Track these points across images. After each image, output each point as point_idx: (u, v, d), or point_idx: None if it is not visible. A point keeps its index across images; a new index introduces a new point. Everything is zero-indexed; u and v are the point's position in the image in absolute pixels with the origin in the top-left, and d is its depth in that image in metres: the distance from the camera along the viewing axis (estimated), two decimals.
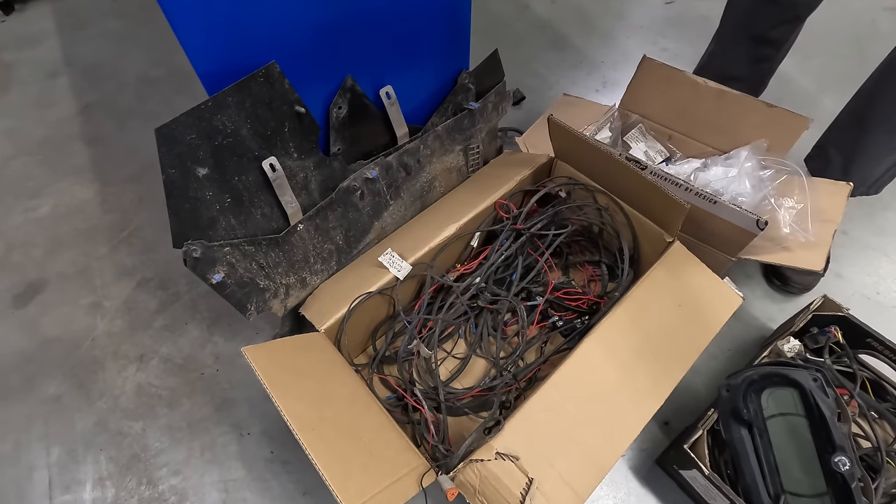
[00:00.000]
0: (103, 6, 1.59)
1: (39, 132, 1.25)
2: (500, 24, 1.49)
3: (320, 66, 0.75)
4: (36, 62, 1.41)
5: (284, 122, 0.73)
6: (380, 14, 0.75)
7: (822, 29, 1.38)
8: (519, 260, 0.87)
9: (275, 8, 0.65)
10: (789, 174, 0.85)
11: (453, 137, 0.95)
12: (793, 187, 0.84)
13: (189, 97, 1.31)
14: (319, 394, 0.65)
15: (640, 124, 1.06)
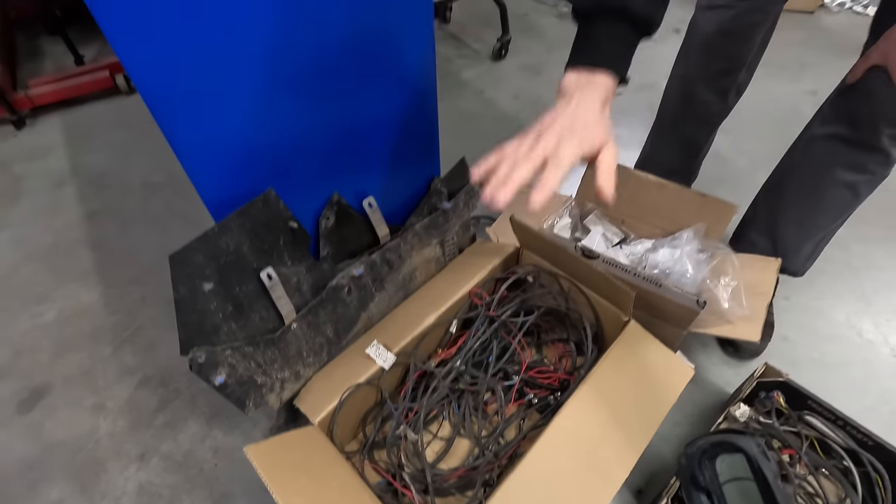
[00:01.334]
0: (109, 117, 1.75)
1: (47, 239, 1.35)
2: (470, 120, 1.67)
3: (311, 186, 0.87)
4: (45, 173, 1.54)
5: (280, 236, 0.84)
6: (363, 140, 0.89)
7: (753, 112, 1.58)
8: (494, 343, 0.96)
9: (276, 148, 0.77)
10: (724, 254, 0.97)
11: (430, 233, 1.07)
12: (728, 266, 0.96)
13: (187, 200, 1.43)
14: (315, 487, 0.71)
15: (596, 211, 1.20)
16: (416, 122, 0.96)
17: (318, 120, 0.79)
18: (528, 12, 2.22)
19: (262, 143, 0.76)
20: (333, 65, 0.74)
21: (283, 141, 0.79)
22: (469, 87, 1.83)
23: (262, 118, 0.73)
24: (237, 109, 0.69)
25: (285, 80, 0.71)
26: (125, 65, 0.57)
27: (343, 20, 0.70)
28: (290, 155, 0.81)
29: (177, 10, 0.56)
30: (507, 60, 1.94)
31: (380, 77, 0.81)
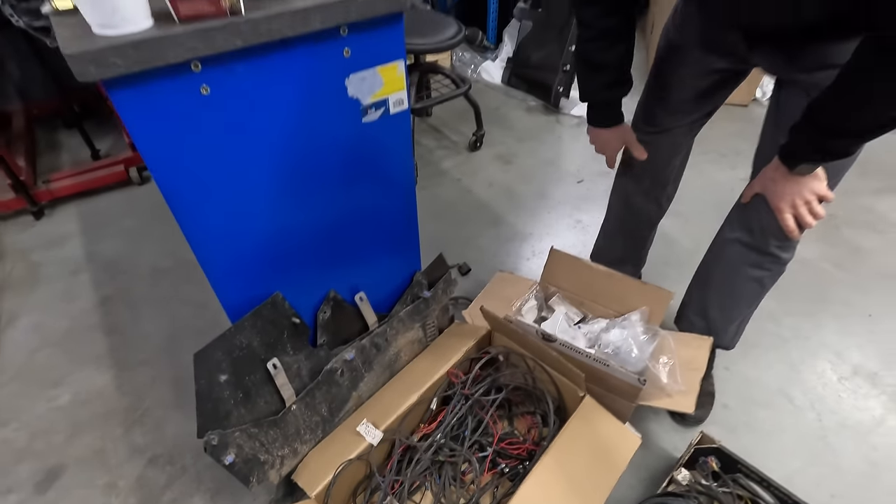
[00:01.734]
0: (121, 206, 1.92)
1: (63, 324, 1.47)
2: (449, 207, 1.88)
3: (311, 285, 1.03)
4: (61, 261, 1.68)
5: (284, 331, 0.99)
6: (356, 247, 1.06)
7: (696, 197, 1.81)
8: (469, 418, 1.09)
9: (282, 257, 0.94)
10: (662, 337, 1.14)
11: (413, 318, 1.23)
12: (666, 347, 1.12)
13: (192, 284, 1.57)
14: None
15: (558, 293, 1.37)
16: (399, 233, 1.14)
17: (318, 234, 0.97)
18: (500, 106, 2.52)
19: (270, 255, 0.93)
20: (332, 195, 0.92)
21: (289, 251, 0.95)
22: (448, 175, 2.06)
23: (272, 236, 0.90)
24: (254, 232, 0.86)
25: (293, 209, 0.89)
26: (172, 207, 0.74)
27: (340, 159, 0.89)
28: (294, 261, 0.98)
29: (218, 161, 0.74)
30: (481, 151, 2.19)
31: (372, 204, 1.00)
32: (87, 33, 0.59)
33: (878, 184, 1.94)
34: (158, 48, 0.59)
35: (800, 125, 0.79)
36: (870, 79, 0.68)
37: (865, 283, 1.55)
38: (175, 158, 0.70)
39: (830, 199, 0.88)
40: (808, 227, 0.88)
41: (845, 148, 0.78)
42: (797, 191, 0.86)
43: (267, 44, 0.67)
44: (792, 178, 0.86)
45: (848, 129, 0.74)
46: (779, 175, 0.87)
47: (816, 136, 0.78)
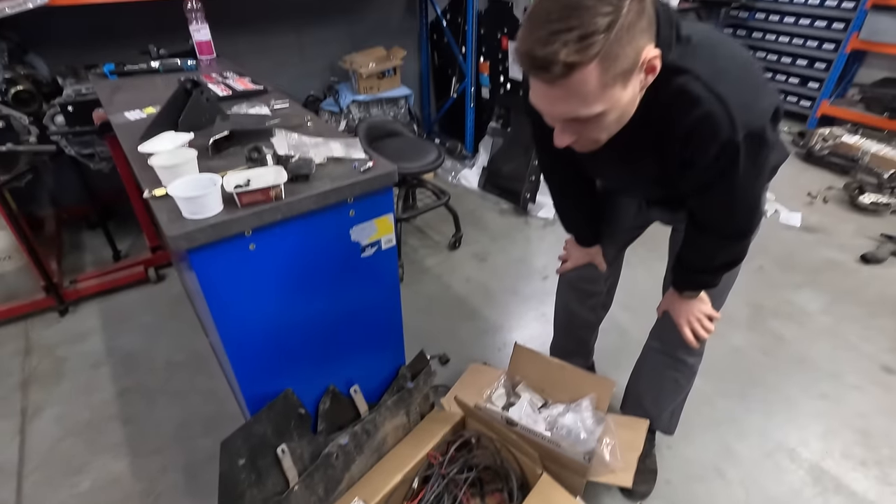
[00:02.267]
0: (139, 303, 2.15)
1: (85, 415, 1.64)
2: (431, 302, 2.14)
3: (315, 382, 1.26)
4: (84, 355, 1.87)
5: (291, 420, 1.20)
6: (352, 351, 1.30)
7: (645, 292, 2.10)
8: (445, 496, 1.27)
9: (294, 361, 1.18)
10: (605, 422, 1.37)
11: (398, 406, 1.44)
12: (609, 430, 1.35)
13: (203, 376, 1.77)
14: None
15: (523, 381, 1.60)
16: (386, 334, 1.38)
17: (323, 338, 1.21)
18: (476, 208, 2.88)
19: (285, 357, 1.16)
20: (335, 308, 1.18)
21: (299, 353, 1.19)
22: (430, 272, 2.34)
23: (288, 340, 1.14)
24: (275, 339, 1.11)
25: (305, 320, 1.14)
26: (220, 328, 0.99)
27: (343, 282, 1.16)
28: (302, 361, 1.21)
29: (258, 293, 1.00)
30: (460, 250, 2.50)
31: (366, 317, 1.26)
32: (179, 217, 0.87)
33: (798, 279, 2.27)
34: (226, 226, 0.88)
35: (675, 266, 1.10)
36: (699, 242, 1.00)
37: (786, 368, 1.81)
38: (228, 294, 0.96)
39: (717, 318, 1.15)
40: (703, 338, 1.15)
41: (708, 281, 1.08)
42: (690, 310, 1.14)
43: (298, 214, 0.96)
44: (684, 300, 1.14)
45: (702, 269, 1.05)
46: (674, 298, 1.16)
47: (685, 274, 1.08)
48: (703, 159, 0.83)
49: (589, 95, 0.69)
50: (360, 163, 1.06)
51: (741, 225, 0.96)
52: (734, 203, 0.92)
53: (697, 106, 0.77)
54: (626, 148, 0.86)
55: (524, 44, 0.68)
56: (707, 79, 0.77)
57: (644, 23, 0.68)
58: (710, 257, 1.04)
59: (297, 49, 2.92)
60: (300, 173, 0.97)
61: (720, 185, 0.88)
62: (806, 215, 2.76)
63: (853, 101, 3.56)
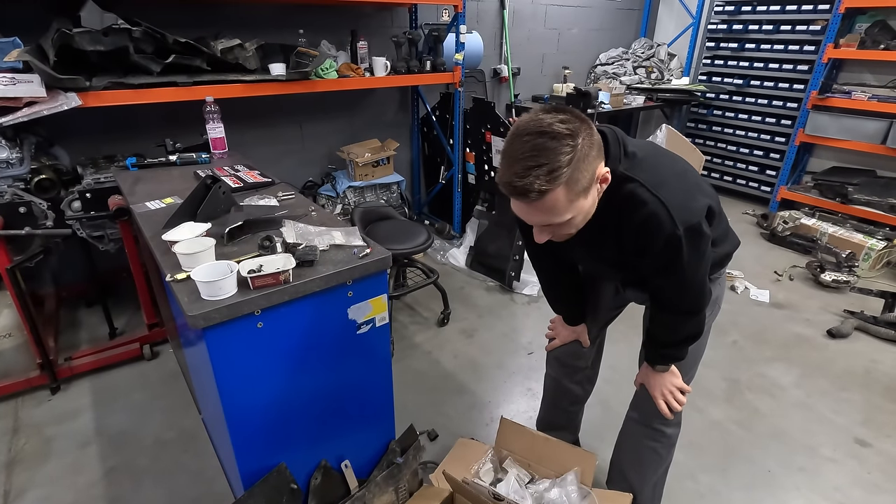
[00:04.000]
0: (132, 380, 2.17)
1: (69, 498, 1.62)
2: (420, 378, 2.20)
3: (307, 456, 1.30)
4: (72, 434, 1.87)
5: (283, 496, 1.23)
6: (343, 427, 1.36)
7: (626, 366, 2.19)
8: None
9: (289, 435, 1.23)
10: (590, 496, 1.40)
11: (388, 482, 1.46)
12: (593, 503, 1.38)
13: (192, 455, 1.78)
14: None
15: (510, 456, 1.64)
16: (378, 410, 1.45)
17: (317, 412, 1.28)
18: (464, 286, 3.01)
19: (280, 432, 1.22)
20: (330, 382, 1.26)
21: (294, 427, 1.25)
22: (419, 348, 2.42)
23: (284, 416, 1.20)
24: (273, 414, 1.17)
25: (302, 394, 1.21)
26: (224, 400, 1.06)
27: (339, 358, 1.25)
28: (297, 435, 1.27)
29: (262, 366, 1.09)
30: (448, 327, 2.60)
31: (359, 392, 1.34)
32: (198, 298, 0.99)
33: (770, 353, 2.38)
34: (239, 307, 0.99)
35: (645, 342, 1.22)
36: (661, 318, 1.13)
37: (764, 441, 1.87)
38: (235, 368, 1.05)
39: (688, 391, 1.26)
40: (675, 409, 1.25)
41: (675, 354, 1.20)
42: (663, 383, 1.26)
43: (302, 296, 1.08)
44: (657, 374, 1.26)
45: (668, 343, 1.17)
46: (648, 372, 1.28)
47: (655, 348, 1.21)
48: (652, 249, 1.00)
49: (559, 209, 0.89)
50: (359, 249, 1.20)
51: (691, 303, 1.11)
52: (683, 284, 1.07)
53: (643, 206, 0.96)
54: (592, 237, 1.05)
55: (504, 177, 0.88)
56: (650, 185, 0.96)
57: (595, 150, 0.90)
58: (673, 331, 1.18)
59: (298, 140, 3.20)
60: (306, 259, 1.11)
61: (669, 270, 1.04)
62: (774, 292, 2.93)
63: (808, 187, 3.90)
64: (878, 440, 1.87)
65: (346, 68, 2.69)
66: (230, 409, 1.09)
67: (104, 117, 2.36)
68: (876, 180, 3.62)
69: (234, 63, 2.33)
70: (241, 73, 2.34)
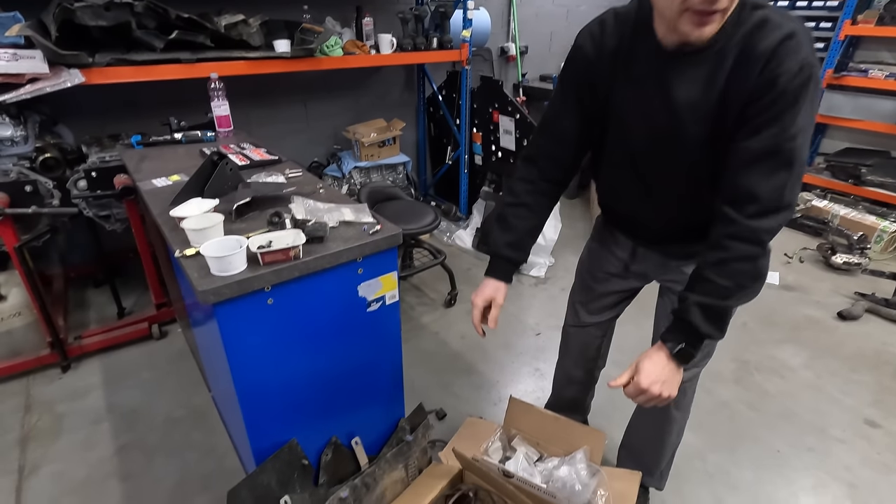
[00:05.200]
0: (141, 359, 2.18)
1: (82, 473, 1.64)
2: (428, 358, 2.20)
3: (318, 433, 1.31)
4: (84, 412, 1.89)
5: (295, 471, 1.24)
6: (354, 402, 1.36)
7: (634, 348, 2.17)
8: None
9: (299, 412, 1.23)
10: (599, 474, 1.41)
11: (397, 460, 1.47)
12: (602, 481, 1.38)
13: (203, 432, 1.79)
14: None
15: (518, 435, 1.64)
16: (388, 388, 1.45)
17: (328, 389, 1.28)
18: (471, 267, 3.00)
19: (291, 407, 1.22)
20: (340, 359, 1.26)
21: (304, 404, 1.25)
22: (427, 329, 2.42)
23: (295, 392, 1.20)
24: (284, 390, 1.17)
25: (312, 371, 1.21)
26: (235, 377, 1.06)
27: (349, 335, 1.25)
28: (307, 412, 1.27)
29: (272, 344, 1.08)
30: (455, 307, 2.59)
31: (369, 369, 1.33)
32: (207, 274, 0.97)
33: (779, 335, 2.37)
34: (249, 283, 0.98)
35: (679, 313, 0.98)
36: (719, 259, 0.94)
37: (773, 421, 1.86)
38: (245, 345, 1.04)
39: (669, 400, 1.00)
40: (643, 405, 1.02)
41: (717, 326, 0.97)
42: (665, 378, 0.97)
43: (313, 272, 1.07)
44: (667, 364, 0.98)
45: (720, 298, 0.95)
46: (660, 358, 0.98)
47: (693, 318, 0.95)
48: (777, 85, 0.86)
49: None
50: (369, 226, 1.18)
51: (784, 190, 0.89)
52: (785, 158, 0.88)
53: (779, 29, 0.86)
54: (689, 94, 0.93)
55: None
56: (783, 13, 0.89)
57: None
58: (733, 275, 0.94)
59: (303, 119, 3.16)
60: (316, 235, 1.09)
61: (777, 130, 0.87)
62: (784, 274, 2.90)
63: (820, 168, 3.83)
64: (887, 421, 1.87)
65: (352, 45, 2.64)
66: (241, 384, 1.08)
67: (107, 95, 2.33)
68: (890, 161, 3.55)
69: (238, 39, 2.29)
70: (246, 50, 2.30)
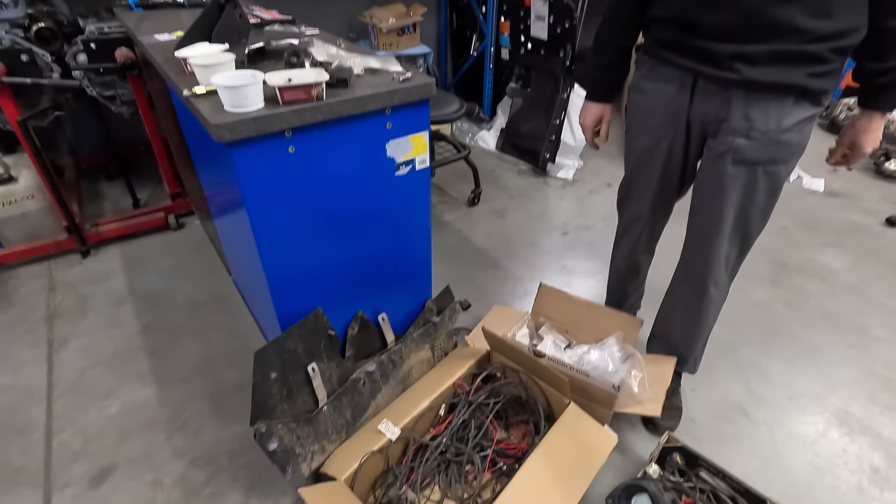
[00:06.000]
0: (159, 249, 2.15)
1: (110, 347, 1.65)
2: (451, 253, 2.13)
3: (344, 306, 1.26)
4: (107, 293, 1.88)
5: (321, 341, 1.20)
6: (381, 275, 1.29)
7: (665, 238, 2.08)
8: (472, 422, 1.28)
9: (325, 281, 1.17)
10: (634, 355, 1.36)
11: (424, 340, 1.44)
12: (637, 363, 1.34)
13: (226, 315, 1.78)
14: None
15: (546, 322, 1.60)
16: (416, 265, 1.38)
17: (354, 260, 1.21)
18: (494, 169, 2.85)
19: (318, 276, 1.16)
20: (368, 229, 1.18)
21: (330, 274, 1.19)
22: (450, 227, 2.33)
23: (321, 260, 1.13)
24: (309, 255, 1.10)
25: (338, 238, 1.13)
26: (256, 231, 0.98)
27: (376, 202, 1.15)
28: (333, 283, 1.21)
29: (293, 199, 1.00)
30: (479, 206, 2.48)
31: (396, 241, 1.25)
32: (221, 110, 0.86)
33: (822, 239, 2.24)
34: (268, 121, 0.87)
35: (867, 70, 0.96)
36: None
37: (811, 320, 1.79)
38: (265, 196, 0.95)
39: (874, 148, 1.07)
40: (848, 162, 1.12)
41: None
42: (876, 136, 1.04)
43: (336, 119, 0.95)
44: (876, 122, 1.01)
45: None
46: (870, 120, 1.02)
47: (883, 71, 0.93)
48: None
49: None
50: (398, 74, 1.04)
51: None
52: None
53: None
54: None
55: None
56: None
57: None
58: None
59: (314, 5, 2.88)
60: (341, 77, 0.96)
61: None
62: (829, 181, 2.72)
63: None
64: None
65: None
66: (263, 239, 1.01)
67: None
68: None
69: None
70: None
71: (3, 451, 1.34)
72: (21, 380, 1.54)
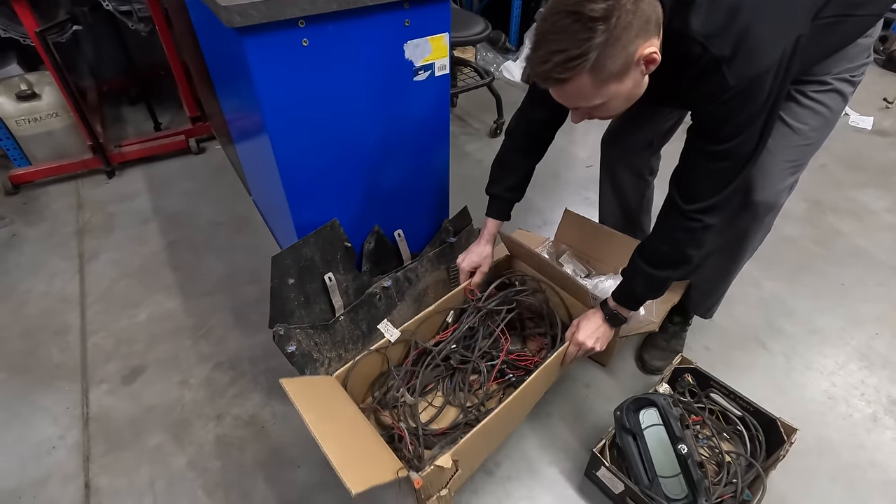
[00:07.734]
0: (181, 171, 2.17)
1: (137, 261, 1.71)
2: (471, 182, 2.08)
3: (361, 220, 1.25)
4: (133, 212, 1.93)
5: (338, 252, 1.21)
6: (399, 192, 1.28)
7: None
8: (481, 329, 1.28)
9: (342, 193, 1.16)
10: None
11: (440, 260, 1.44)
12: None
13: (247, 235, 1.81)
14: (330, 414, 0.99)
15: (568, 251, 1.58)
16: (433, 180, 1.36)
17: (371, 171, 1.19)
18: (518, 101, 2.72)
19: (335, 184, 1.15)
20: (384, 138, 1.15)
21: (347, 184, 1.18)
22: (470, 157, 2.28)
23: (337, 167, 1.12)
24: (325, 161, 1.09)
25: (354, 145, 1.11)
26: (271, 132, 0.97)
27: (393, 109, 1.12)
28: (350, 194, 1.20)
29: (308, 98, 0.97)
30: (501, 137, 2.41)
31: (414, 154, 1.22)
32: None
33: (863, 178, 2.12)
34: (280, 5, 0.83)
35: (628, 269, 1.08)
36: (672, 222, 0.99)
37: (841, 258, 1.72)
38: (280, 91, 0.93)
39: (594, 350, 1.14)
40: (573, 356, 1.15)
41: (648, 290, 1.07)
42: (601, 335, 1.13)
43: (352, 10, 0.90)
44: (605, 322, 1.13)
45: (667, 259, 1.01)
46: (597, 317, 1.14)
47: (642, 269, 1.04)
48: None
49: (587, 94, 0.78)
50: None
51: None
52: None
53: None
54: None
55: (529, 59, 0.80)
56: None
57: (636, 28, 0.71)
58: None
59: None
60: None
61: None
62: (878, 120, 2.53)
63: None
64: None
65: None
66: (278, 139, 0.99)
67: None
68: None
69: None
70: None
71: (44, 348, 1.42)
72: (55, 288, 1.61)
